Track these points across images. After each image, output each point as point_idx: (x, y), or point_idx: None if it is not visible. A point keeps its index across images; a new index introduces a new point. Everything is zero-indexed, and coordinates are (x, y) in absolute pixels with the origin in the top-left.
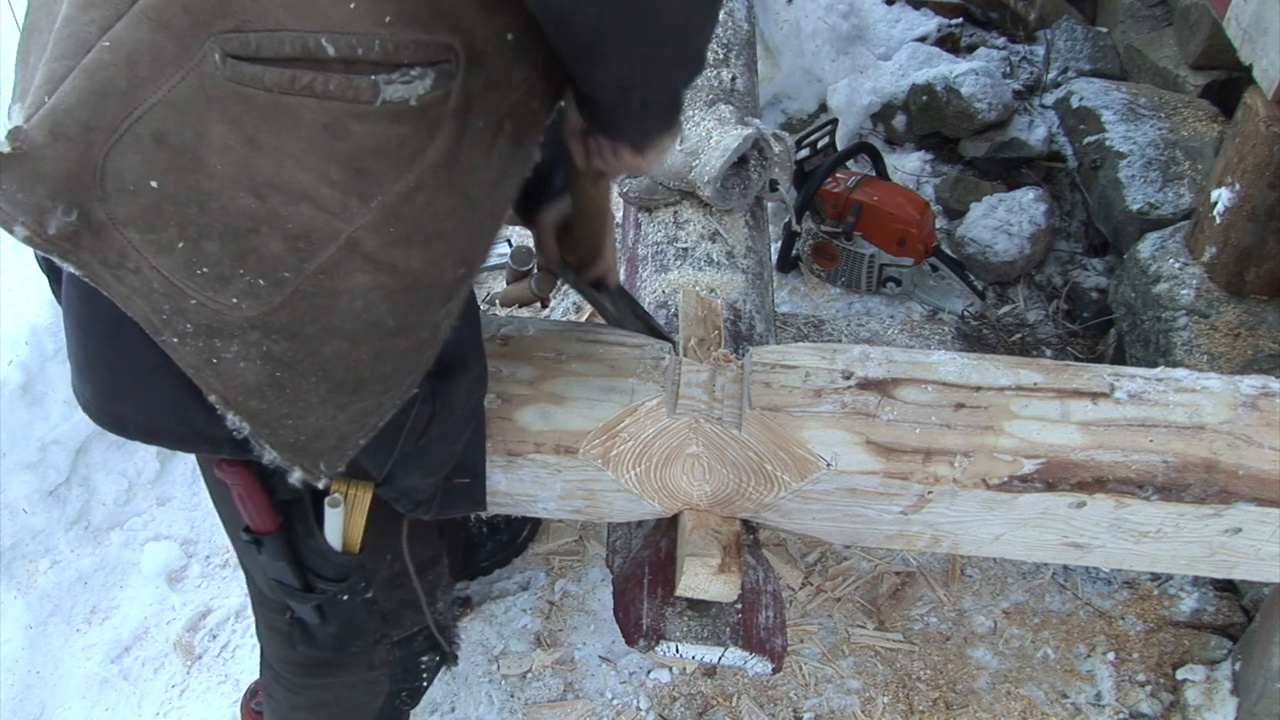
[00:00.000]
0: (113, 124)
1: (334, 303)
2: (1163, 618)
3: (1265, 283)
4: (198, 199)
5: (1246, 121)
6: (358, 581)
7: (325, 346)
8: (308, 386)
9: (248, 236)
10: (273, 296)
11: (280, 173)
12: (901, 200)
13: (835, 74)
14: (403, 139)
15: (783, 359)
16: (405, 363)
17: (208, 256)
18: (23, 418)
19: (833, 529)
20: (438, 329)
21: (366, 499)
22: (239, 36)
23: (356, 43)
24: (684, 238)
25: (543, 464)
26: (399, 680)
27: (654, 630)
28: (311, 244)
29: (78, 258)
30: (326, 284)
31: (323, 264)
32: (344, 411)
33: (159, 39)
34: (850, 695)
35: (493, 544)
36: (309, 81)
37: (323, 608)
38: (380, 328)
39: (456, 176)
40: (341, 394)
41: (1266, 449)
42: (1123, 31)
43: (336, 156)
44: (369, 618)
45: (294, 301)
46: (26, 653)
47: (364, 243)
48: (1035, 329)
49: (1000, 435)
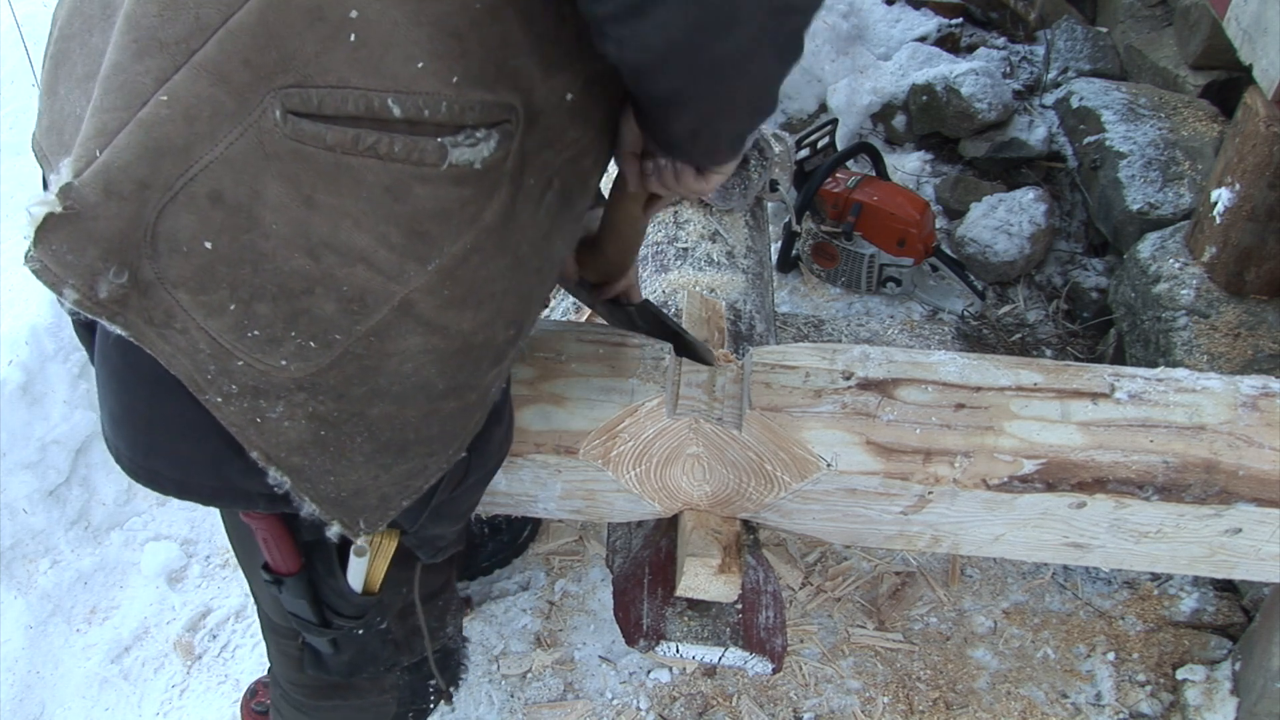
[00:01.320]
0: (168, 182)
1: (384, 364)
2: (1163, 618)
3: (1265, 283)
4: (251, 259)
5: (1246, 121)
6: (374, 617)
7: (373, 408)
8: (352, 446)
9: (301, 298)
10: (322, 358)
11: (337, 233)
12: (901, 200)
13: (835, 74)
14: (464, 201)
15: (783, 359)
16: (453, 426)
17: (259, 319)
18: (23, 418)
19: (833, 529)
20: (487, 392)
21: (392, 546)
22: (300, 92)
23: (423, 104)
24: (684, 238)
25: (543, 464)
26: (406, 703)
27: (654, 630)
28: (365, 306)
29: (125, 319)
30: (377, 346)
31: (375, 326)
32: (387, 472)
33: (218, 94)
34: (850, 695)
35: (493, 544)
36: (373, 142)
37: (337, 640)
38: (429, 390)
39: (509, 236)
40: (386, 455)
41: (1266, 449)
42: (1123, 31)
43: (397, 219)
44: (382, 647)
45: (343, 363)
46: (26, 653)
47: (418, 305)
48: (1035, 329)
49: (1000, 435)
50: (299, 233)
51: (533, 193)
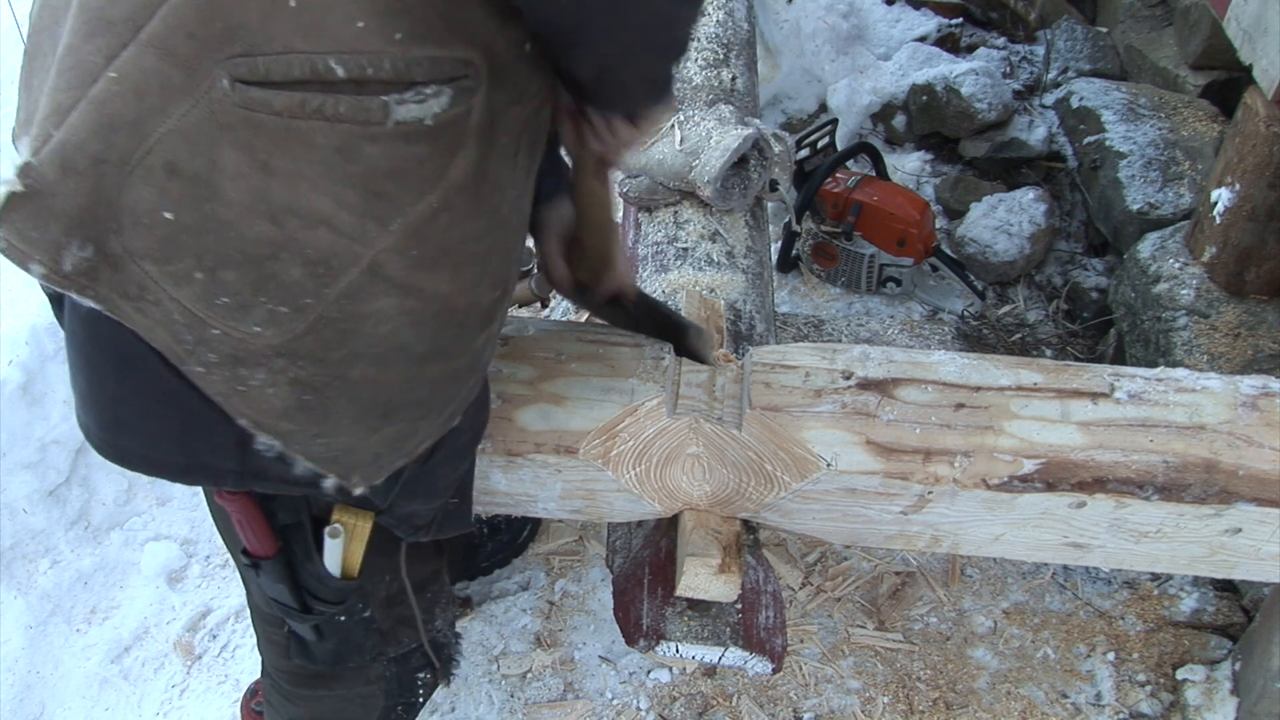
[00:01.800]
0: (124, 156)
1: (359, 327)
2: (1163, 618)
3: (1265, 283)
4: (214, 228)
5: (1246, 121)
6: (355, 603)
7: (353, 371)
8: (337, 409)
9: (267, 264)
10: (296, 323)
11: (296, 198)
12: (901, 200)
13: (835, 74)
14: (420, 159)
15: (783, 359)
16: (442, 390)
17: (227, 286)
18: (23, 418)
19: (833, 529)
20: (479, 355)
21: (367, 528)
22: (247, 61)
23: (366, 63)
24: (684, 238)
25: (543, 464)
26: (394, 695)
27: (654, 630)
28: (332, 269)
29: (95, 292)
30: (350, 309)
31: (345, 289)
32: (376, 434)
33: (165, 68)
34: (850, 695)
35: (493, 544)
36: (319, 105)
37: (320, 627)
38: (408, 353)
39: (485, 196)
40: (372, 417)
41: (1266, 449)
42: (1123, 31)
43: (351, 180)
44: (366, 636)
45: (318, 327)
46: (26, 653)
47: (386, 266)
48: (1035, 329)
49: (1000, 435)
50: (259, 199)
51: (507, 151)
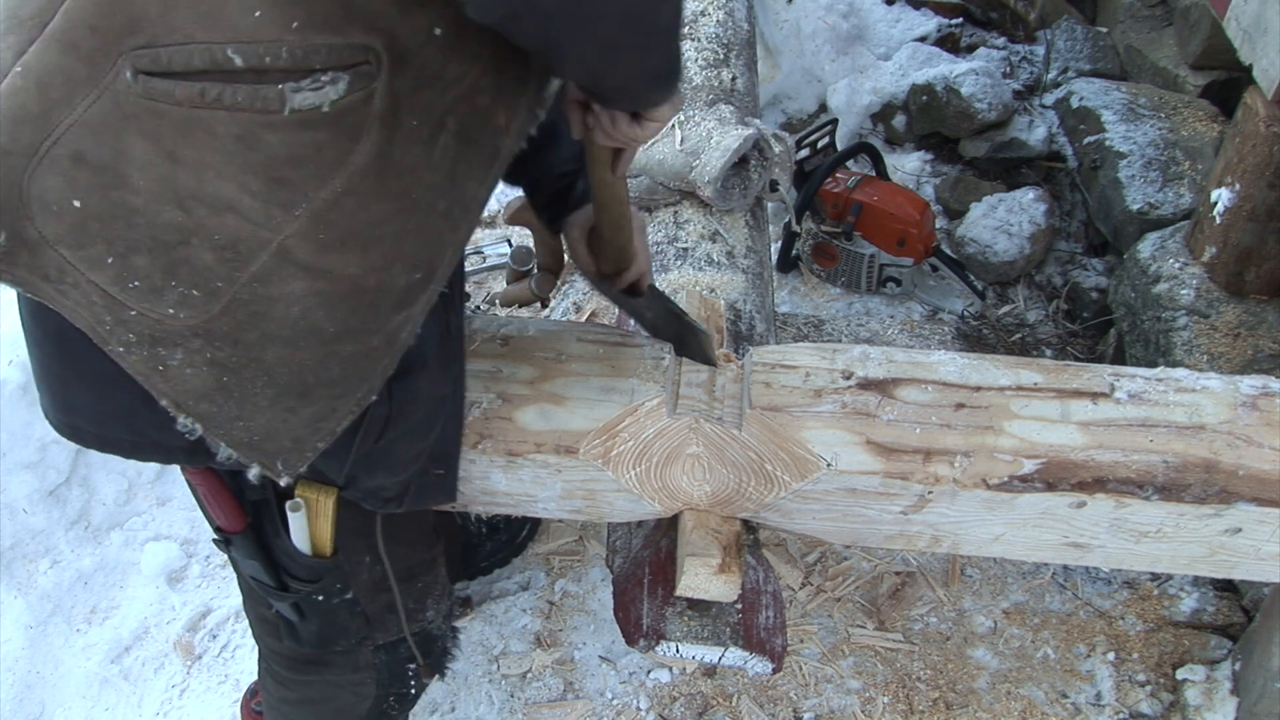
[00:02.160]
0: (30, 147)
1: (271, 309)
2: (1163, 618)
3: (1265, 283)
4: (123, 215)
5: (1246, 121)
6: (332, 583)
7: (267, 352)
8: (255, 390)
9: (177, 249)
10: (210, 305)
11: (202, 185)
12: (901, 200)
13: (835, 74)
14: (320, 146)
15: (783, 359)
16: (356, 369)
17: (138, 270)
18: (23, 418)
19: (833, 529)
20: (393, 336)
21: (329, 504)
22: (149, 52)
23: (264, 51)
24: (684, 238)
25: (543, 464)
26: (385, 685)
27: (654, 630)
28: (240, 254)
29: (13, 275)
30: (262, 291)
31: (255, 273)
32: (295, 415)
33: (68, 61)
34: (850, 695)
35: (492, 544)
36: (218, 94)
37: (300, 606)
38: (320, 334)
39: (391, 179)
40: (289, 398)
41: (1266, 449)
42: (1123, 31)
43: (253, 167)
44: (350, 619)
45: (232, 309)
46: (26, 653)
47: (295, 250)
48: (1035, 329)
49: (1000, 435)
50: (166, 187)
51: (418, 134)
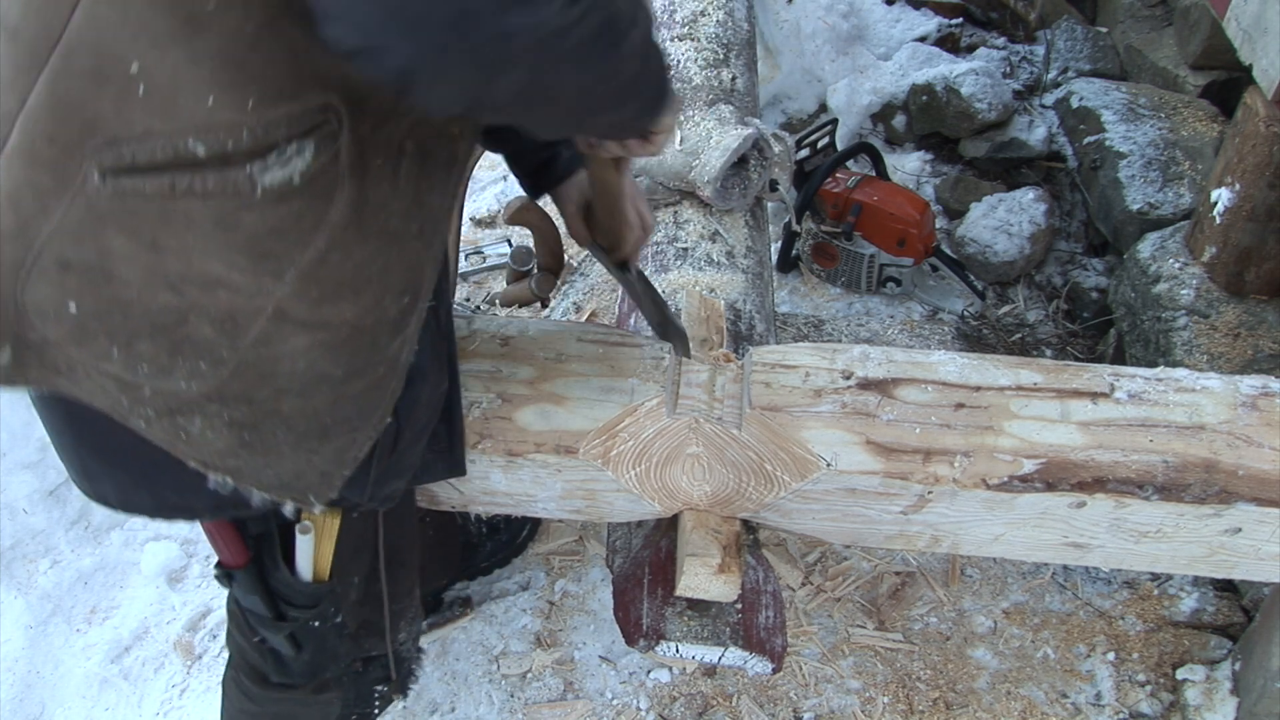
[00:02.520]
0: (16, 263)
1: (278, 367)
2: (1163, 618)
3: (1265, 283)
4: (119, 308)
5: (1246, 121)
6: (328, 607)
7: (281, 405)
8: (276, 439)
9: (177, 329)
10: (219, 373)
11: (189, 267)
12: (901, 200)
13: (835, 74)
14: (298, 214)
15: (783, 359)
16: (368, 401)
17: (143, 355)
18: (23, 417)
19: (833, 529)
20: (395, 361)
21: (335, 525)
22: (112, 151)
23: (225, 137)
24: (684, 238)
25: (543, 464)
26: (350, 705)
27: (654, 630)
28: (239, 324)
29: (26, 379)
30: (265, 353)
31: (256, 337)
32: (318, 454)
33: (34, 174)
34: (850, 695)
35: (492, 544)
36: (188, 185)
37: (296, 636)
38: (329, 379)
39: (368, 222)
40: (310, 440)
41: (1266, 449)
42: (1123, 31)
43: (235, 246)
44: (339, 642)
45: (240, 373)
46: (26, 653)
47: (290, 310)
48: (1035, 329)
49: (1000, 435)
50: (155, 275)
51: (383, 171)
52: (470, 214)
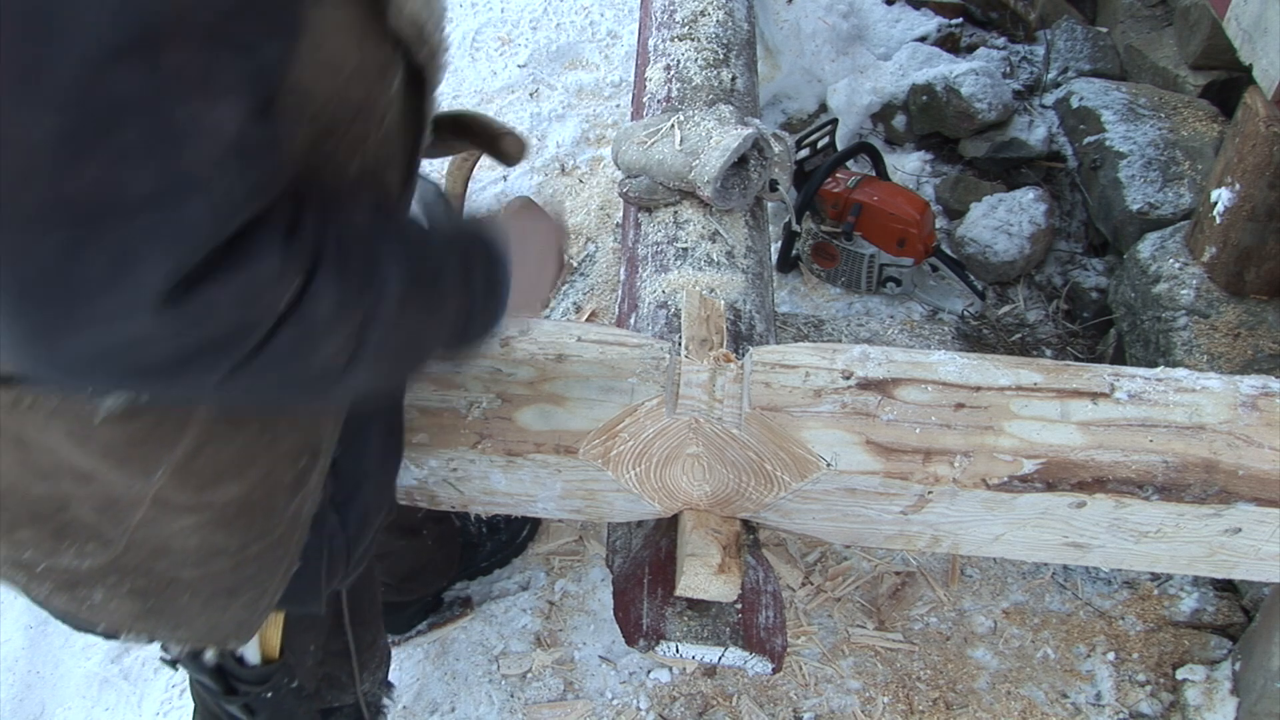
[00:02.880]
0: None
1: (170, 543)
2: (1163, 618)
3: (1265, 283)
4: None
5: (1246, 121)
6: (281, 679)
7: (181, 574)
8: (181, 604)
9: (58, 515)
10: (110, 550)
11: (59, 461)
12: (901, 200)
13: (835, 74)
14: (154, 425)
15: (783, 359)
16: (272, 556)
17: (26, 542)
18: None
19: (833, 529)
20: (296, 517)
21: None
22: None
23: None
24: (684, 238)
25: (542, 464)
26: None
27: (654, 630)
28: (120, 510)
29: None
30: (154, 532)
31: (141, 520)
32: (228, 611)
33: None
34: (850, 695)
35: (492, 544)
36: (32, 401)
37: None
38: (224, 549)
39: (243, 409)
40: (219, 599)
41: (1266, 449)
42: (1123, 31)
43: (96, 453)
44: (298, 704)
45: (132, 549)
46: (26, 653)
47: (171, 499)
48: (1035, 329)
49: (1000, 435)
50: (27, 468)
51: None
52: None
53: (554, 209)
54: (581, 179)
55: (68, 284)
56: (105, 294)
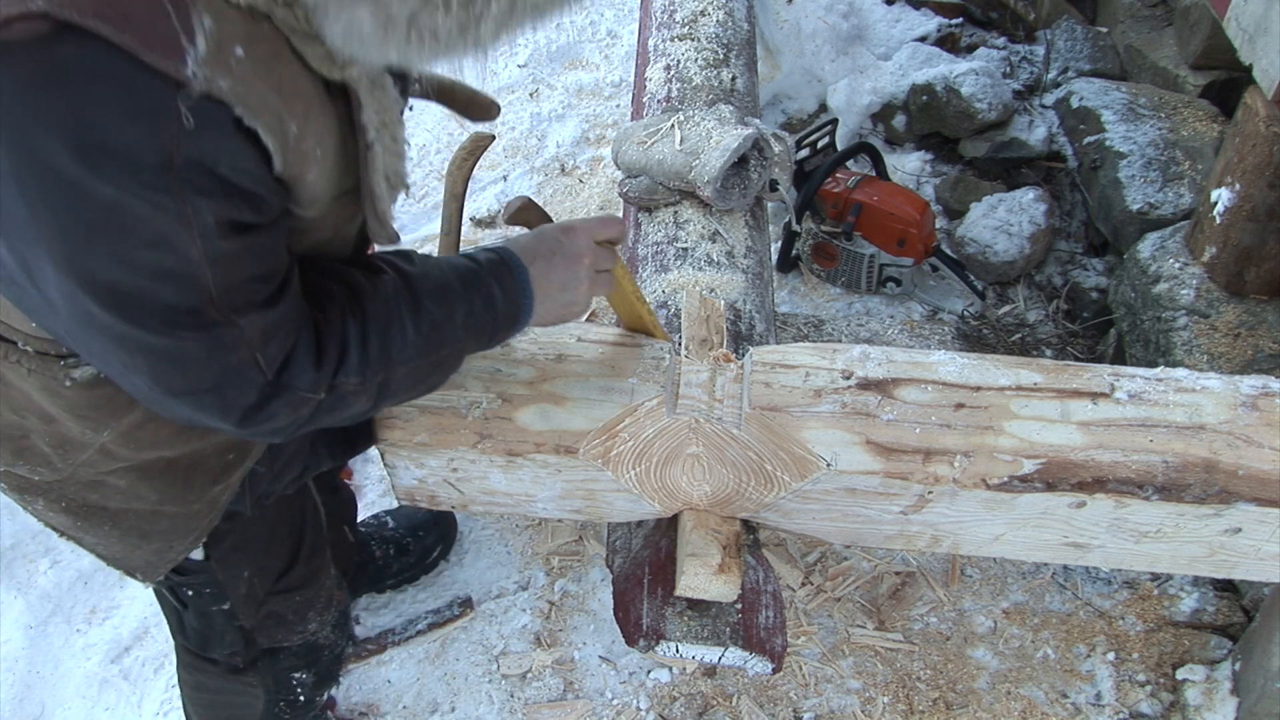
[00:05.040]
0: None
1: (104, 480)
2: (1163, 618)
3: (1265, 283)
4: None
5: (1246, 121)
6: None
7: (108, 505)
8: (104, 530)
9: (20, 441)
10: (56, 474)
11: (29, 403)
12: (901, 200)
13: (835, 74)
14: (110, 396)
15: (783, 359)
16: (184, 524)
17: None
18: None
19: (833, 529)
20: (214, 501)
21: None
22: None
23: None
24: (684, 238)
25: (543, 464)
26: (271, 691)
27: (654, 630)
28: (70, 450)
29: None
30: (93, 471)
31: (85, 460)
32: (139, 549)
33: None
34: (850, 695)
35: (399, 565)
36: (16, 358)
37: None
38: (145, 499)
39: None
40: (132, 537)
41: (1266, 449)
42: (1123, 31)
43: (60, 406)
44: (228, 629)
45: (74, 478)
46: (26, 653)
47: (115, 452)
48: (1035, 329)
49: (1000, 435)
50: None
51: None
52: (470, 214)
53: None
54: (581, 179)
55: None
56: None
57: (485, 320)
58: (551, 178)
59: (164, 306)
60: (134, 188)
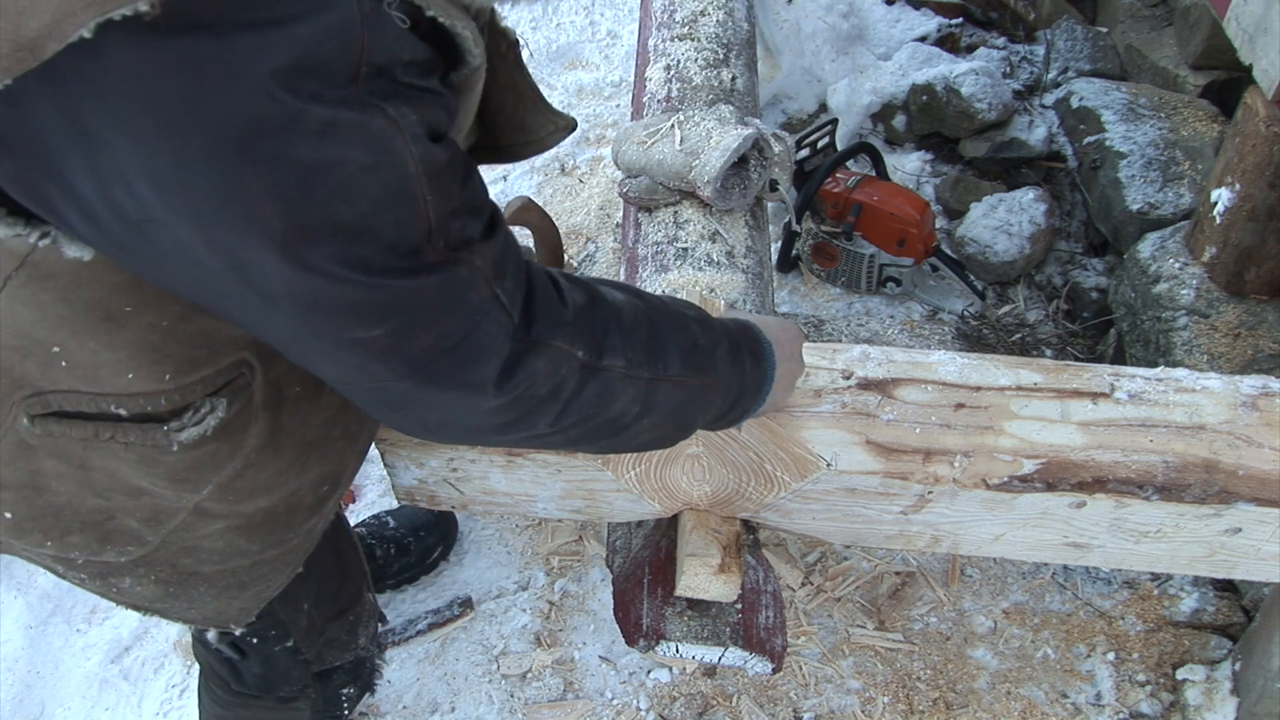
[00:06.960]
0: None
1: (199, 544)
2: (1163, 618)
3: (1265, 283)
4: (51, 511)
5: (1246, 121)
6: (267, 630)
7: (203, 568)
8: (198, 593)
9: (105, 524)
10: (144, 549)
11: (115, 481)
12: (901, 200)
13: (835, 74)
14: (213, 453)
15: None
16: (283, 561)
17: (75, 544)
18: None
19: (833, 529)
20: (311, 533)
21: None
22: (39, 399)
23: (144, 403)
24: (684, 238)
25: (542, 464)
26: (320, 711)
27: (654, 630)
28: (161, 520)
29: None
30: (186, 535)
31: (177, 526)
32: (237, 599)
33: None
34: (850, 695)
35: (399, 565)
36: (110, 434)
37: (238, 645)
38: (245, 552)
39: (283, 439)
40: (229, 592)
41: (1266, 449)
42: (1123, 31)
43: (156, 475)
44: (293, 665)
45: (163, 548)
46: (26, 653)
47: (210, 509)
48: (1035, 329)
49: (1000, 435)
50: (84, 487)
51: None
52: None
53: None
54: (581, 179)
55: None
56: (463, 375)
57: (734, 372)
58: (551, 178)
59: (389, 245)
60: (339, 102)
